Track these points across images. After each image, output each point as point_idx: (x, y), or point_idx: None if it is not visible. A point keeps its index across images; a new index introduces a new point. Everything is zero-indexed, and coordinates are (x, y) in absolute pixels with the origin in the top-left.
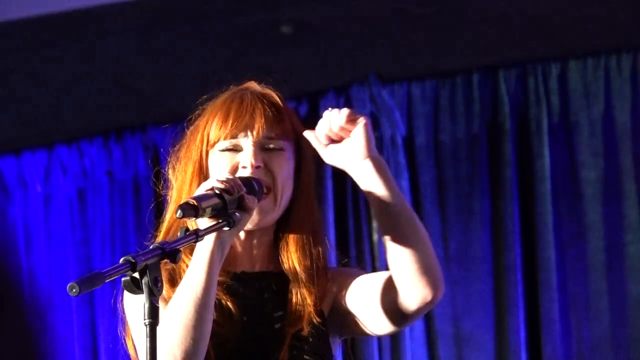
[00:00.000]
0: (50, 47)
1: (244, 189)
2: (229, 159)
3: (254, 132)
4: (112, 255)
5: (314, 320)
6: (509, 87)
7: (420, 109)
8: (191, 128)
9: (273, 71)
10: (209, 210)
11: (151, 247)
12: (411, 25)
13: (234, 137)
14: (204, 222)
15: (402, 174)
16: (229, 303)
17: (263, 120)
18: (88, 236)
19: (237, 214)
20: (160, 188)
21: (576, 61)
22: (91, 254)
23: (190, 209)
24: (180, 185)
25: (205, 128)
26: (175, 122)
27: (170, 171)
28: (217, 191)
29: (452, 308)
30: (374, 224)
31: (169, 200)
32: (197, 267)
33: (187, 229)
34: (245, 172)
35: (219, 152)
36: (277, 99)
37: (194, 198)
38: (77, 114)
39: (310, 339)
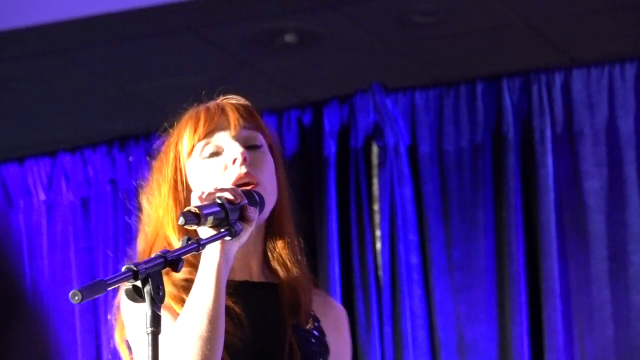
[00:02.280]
0: (54, 54)
1: (245, 200)
2: (215, 163)
3: (230, 126)
4: (115, 264)
5: (313, 315)
6: (513, 97)
7: (424, 118)
8: (160, 153)
9: (276, 79)
10: (210, 219)
11: (153, 255)
12: (415, 35)
13: (210, 135)
14: (205, 232)
15: (406, 183)
16: (236, 311)
17: (236, 113)
18: (91, 244)
19: (238, 224)
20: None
21: (580, 70)
22: (94, 262)
23: (193, 217)
24: (156, 209)
25: (176, 144)
26: None
27: (144, 201)
28: (219, 200)
29: (455, 317)
30: (378, 233)
31: (140, 227)
32: (205, 278)
33: (189, 239)
34: (236, 168)
35: (202, 160)
36: (242, 99)
37: (197, 206)
38: (81, 122)
39: (315, 333)
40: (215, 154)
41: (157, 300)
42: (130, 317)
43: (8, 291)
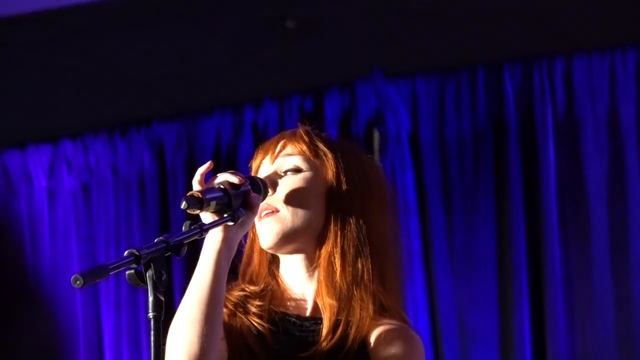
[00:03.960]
0: (56, 41)
1: (249, 186)
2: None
3: (270, 152)
4: (116, 250)
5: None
6: (514, 83)
7: (425, 105)
8: None
9: (277, 66)
10: (213, 204)
11: (156, 240)
12: (416, 20)
13: (262, 160)
14: (207, 217)
15: (407, 169)
16: (264, 330)
17: (283, 139)
18: (93, 231)
19: (241, 209)
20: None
21: (581, 57)
22: (96, 249)
23: (195, 202)
24: None
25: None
26: (181, 117)
27: None
28: (222, 186)
29: (456, 303)
30: None
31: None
32: (205, 264)
33: (192, 223)
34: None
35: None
36: (310, 129)
37: (200, 191)
38: (82, 108)
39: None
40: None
41: (159, 285)
42: None
43: (10, 278)
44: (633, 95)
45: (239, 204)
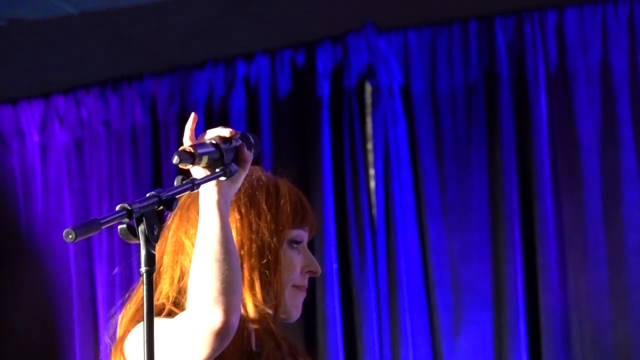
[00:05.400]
0: None
1: (240, 141)
2: (300, 256)
3: (309, 230)
4: (109, 205)
5: None
6: (506, 36)
7: (417, 58)
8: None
9: (269, 20)
10: (205, 158)
11: (148, 195)
12: None
13: (301, 228)
14: (199, 172)
15: (399, 122)
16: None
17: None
18: (85, 186)
19: (233, 164)
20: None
21: (573, 9)
22: (88, 203)
23: (187, 156)
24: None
25: (274, 207)
26: (172, 71)
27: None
28: (214, 141)
29: (449, 255)
30: (371, 172)
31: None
32: (209, 212)
33: (184, 178)
34: (305, 279)
35: (290, 244)
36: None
37: (191, 146)
38: (73, 64)
39: None
40: (298, 242)
41: (151, 240)
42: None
43: (3, 233)
44: (625, 47)
45: (231, 158)
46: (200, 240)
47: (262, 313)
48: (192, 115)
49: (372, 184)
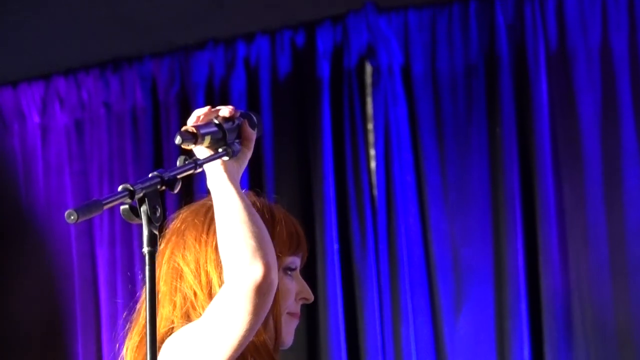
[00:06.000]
0: None
1: (241, 119)
2: (294, 283)
3: (303, 256)
4: (110, 186)
5: None
6: (506, 17)
7: (417, 38)
8: None
9: (269, 1)
10: (208, 138)
11: (150, 175)
12: None
13: (296, 255)
14: (202, 152)
15: (400, 102)
16: None
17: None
18: (86, 167)
19: (236, 144)
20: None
21: None
22: (89, 184)
23: (189, 136)
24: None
25: (270, 234)
26: (173, 52)
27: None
28: (216, 121)
29: (450, 236)
30: (372, 152)
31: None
32: (222, 187)
33: (186, 158)
34: (298, 307)
35: (285, 271)
36: None
37: (194, 125)
38: (73, 44)
39: None
40: (293, 269)
41: (153, 220)
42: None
43: (4, 214)
44: (625, 28)
45: (234, 138)
46: (222, 213)
47: (264, 345)
48: (207, 108)
49: (373, 164)
